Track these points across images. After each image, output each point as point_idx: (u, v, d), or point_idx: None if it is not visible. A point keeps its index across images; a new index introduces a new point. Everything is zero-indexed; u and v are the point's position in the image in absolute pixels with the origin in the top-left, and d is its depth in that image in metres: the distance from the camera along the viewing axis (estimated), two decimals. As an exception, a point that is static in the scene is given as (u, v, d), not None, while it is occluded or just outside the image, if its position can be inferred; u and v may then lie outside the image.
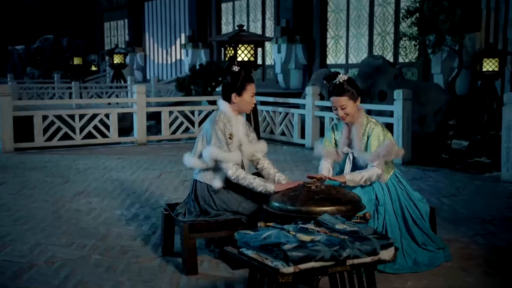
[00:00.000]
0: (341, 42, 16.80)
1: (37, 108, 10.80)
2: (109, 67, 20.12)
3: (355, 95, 4.28)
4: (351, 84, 4.30)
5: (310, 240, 3.07)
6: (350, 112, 4.26)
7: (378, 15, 15.61)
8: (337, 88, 4.27)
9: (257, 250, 3.09)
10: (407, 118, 8.38)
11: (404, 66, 14.78)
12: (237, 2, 19.97)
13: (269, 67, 18.81)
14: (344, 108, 4.24)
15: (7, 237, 5.00)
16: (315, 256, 2.94)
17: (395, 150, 4.34)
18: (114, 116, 10.09)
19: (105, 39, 26.64)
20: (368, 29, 15.84)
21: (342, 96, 4.24)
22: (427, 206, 4.46)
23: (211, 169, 4.23)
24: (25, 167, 8.21)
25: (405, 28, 11.56)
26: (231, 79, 4.25)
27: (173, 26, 22.50)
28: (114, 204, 6.15)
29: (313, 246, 2.98)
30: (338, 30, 16.87)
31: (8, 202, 6.21)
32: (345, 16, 16.58)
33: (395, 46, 14.84)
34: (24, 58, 26.12)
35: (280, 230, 3.21)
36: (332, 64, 17.03)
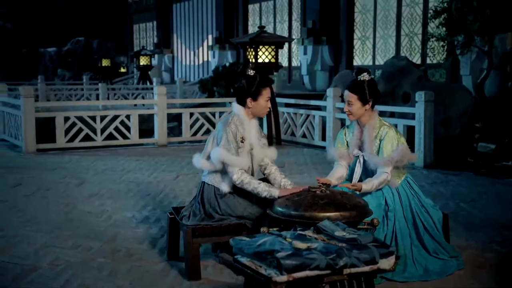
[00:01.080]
0: (368, 43, 16.55)
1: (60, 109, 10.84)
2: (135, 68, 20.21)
3: (366, 98, 4.14)
4: (370, 86, 4.17)
5: (306, 248, 2.93)
6: (355, 112, 4.15)
7: (405, 16, 15.33)
8: (354, 84, 4.19)
9: (251, 257, 2.97)
10: (429, 120, 8.14)
11: (432, 67, 14.48)
12: (264, 3, 19.87)
13: (295, 69, 18.67)
14: (350, 105, 4.13)
15: (15, 238, 4.96)
16: (309, 265, 2.81)
17: (408, 155, 4.17)
18: (134, 117, 10.07)
19: (134, 41, 26.80)
20: (396, 30, 15.57)
21: (354, 93, 4.14)
22: (440, 213, 4.27)
23: (220, 172, 4.13)
24: (44, 168, 8.22)
25: (433, 28, 11.29)
26: (246, 83, 4.14)
27: (200, 27, 22.51)
28: (126, 206, 6.09)
29: (308, 254, 2.85)
30: (365, 31, 16.62)
31: (21, 203, 6.19)
32: (372, 16, 16.34)
33: (423, 47, 14.56)
34: (55, 60, 26.47)
35: (277, 237, 3.07)
36: (359, 65, 16.79)
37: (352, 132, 4.35)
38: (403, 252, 4.09)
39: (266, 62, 9.84)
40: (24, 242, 4.86)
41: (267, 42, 9.74)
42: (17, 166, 8.43)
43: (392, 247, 3.04)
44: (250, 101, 4.10)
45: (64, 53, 26.24)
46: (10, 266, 4.30)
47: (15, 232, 5.14)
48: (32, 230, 5.20)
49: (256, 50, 9.71)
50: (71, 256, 4.52)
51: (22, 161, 8.85)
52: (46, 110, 10.79)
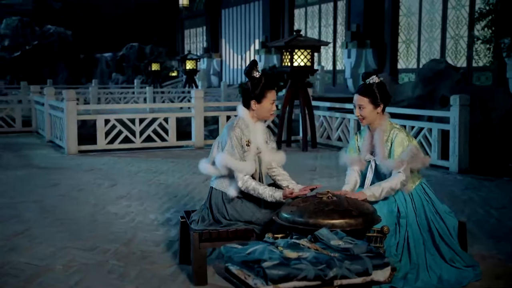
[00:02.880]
0: (413, 47, 16.14)
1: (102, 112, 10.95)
2: (182, 72, 20.34)
3: (377, 101, 3.94)
4: (380, 89, 3.97)
5: (296, 257, 2.76)
6: (367, 116, 3.94)
7: (451, 18, 14.86)
8: (364, 87, 3.99)
9: (240, 266, 2.82)
10: (464, 124, 7.78)
11: (477, 70, 13.97)
12: (310, 7, 19.68)
13: (339, 72, 18.38)
14: (362, 108, 3.92)
15: (36, 239, 4.96)
16: (297, 275, 2.63)
17: (420, 158, 3.93)
18: (172, 120, 10.07)
19: (185, 46, 27.03)
20: (441, 32, 15.12)
21: (364, 96, 3.94)
22: (455, 220, 4.02)
23: (227, 176, 3.99)
24: (82, 169, 8.30)
25: (479, 31, 10.86)
26: (251, 85, 4.00)
27: (247, 32, 22.49)
28: (151, 208, 6.04)
29: (296, 264, 2.67)
30: (409, 34, 16.21)
31: (52, 204, 6.23)
32: (417, 19, 15.92)
33: (469, 50, 14.06)
34: (111, 65, 26.98)
35: (269, 245, 2.91)
36: (403, 68, 16.40)
37: (364, 137, 4.15)
38: (416, 260, 3.86)
39: (302, 65, 9.66)
40: (45, 242, 4.85)
41: (302, 45, 9.56)
42: (57, 167, 8.53)
43: (387, 258, 2.82)
44: (254, 103, 3.95)
45: (118, 58, 26.72)
46: (26, 267, 4.28)
47: (39, 232, 5.15)
48: (56, 231, 5.20)
49: (292, 53, 9.55)
50: (86, 257, 4.47)
51: (62, 162, 8.96)
52: (98, 113, 10.93)
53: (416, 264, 3.85)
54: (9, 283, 3.97)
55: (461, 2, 14.41)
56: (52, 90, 11.36)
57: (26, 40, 26.66)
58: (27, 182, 7.39)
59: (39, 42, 26.28)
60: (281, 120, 10.12)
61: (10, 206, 6.11)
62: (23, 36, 26.95)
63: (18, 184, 7.25)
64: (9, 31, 27.21)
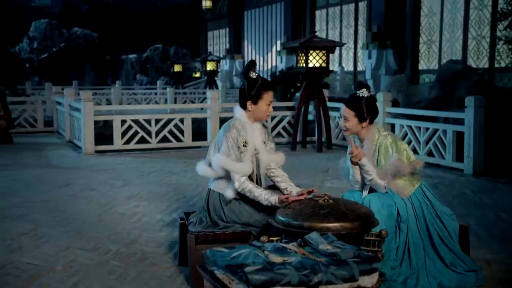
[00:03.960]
0: (434, 47, 15.85)
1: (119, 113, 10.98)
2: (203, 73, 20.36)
3: (363, 116, 3.83)
4: (368, 104, 3.85)
5: (281, 262, 2.68)
6: (350, 128, 3.86)
7: (473, 19, 14.56)
8: (351, 99, 3.88)
9: (225, 271, 2.74)
10: (479, 126, 7.58)
11: (499, 71, 13.67)
12: (331, 9, 19.51)
13: (360, 73, 18.18)
14: (347, 120, 3.82)
15: (42, 238, 4.95)
16: (279, 280, 2.55)
17: (405, 167, 3.79)
18: (188, 121, 10.05)
19: (208, 47, 27.07)
20: (463, 33, 14.81)
21: (350, 109, 3.84)
22: (456, 223, 3.88)
23: (225, 178, 3.92)
24: (96, 169, 8.31)
25: (502, 31, 10.62)
26: (248, 86, 3.92)
27: (269, 33, 22.42)
28: (159, 208, 6.00)
29: (280, 269, 2.59)
30: (431, 35, 15.93)
31: (62, 203, 6.23)
32: (438, 20, 15.64)
33: (491, 50, 13.76)
34: (135, 66, 27.15)
35: (255, 249, 2.84)
36: (424, 69, 16.13)
37: (357, 145, 4.04)
38: (416, 265, 3.75)
39: (317, 66, 9.54)
40: (50, 242, 4.84)
41: (317, 46, 9.44)
42: (73, 167, 8.56)
43: (375, 263, 2.71)
44: (250, 104, 3.88)
45: (143, 60, 26.89)
46: (28, 267, 4.26)
47: (45, 232, 5.14)
48: (62, 231, 5.18)
49: (307, 54, 9.44)
50: (88, 258, 4.44)
51: (78, 162, 9.00)
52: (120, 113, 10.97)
53: (416, 269, 3.73)
54: (9, 283, 3.96)
55: (483, 2, 14.11)
56: (71, 91, 11.44)
57: (54, 42, 27.00)
58: (42, 181, 7.42)
59: (65, 44, 26.59)
60: (296, 120, 10.01)
61: (22, 206, 6.13)
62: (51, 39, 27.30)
63: (32, 184, 7.29)
64: (38, 33, 27.59)
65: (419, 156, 8.41)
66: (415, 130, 8.58)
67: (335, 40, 18.58)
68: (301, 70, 9.73)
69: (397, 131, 8.88)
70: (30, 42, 27.29)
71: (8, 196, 6.57)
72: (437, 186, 6.98)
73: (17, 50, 27.29)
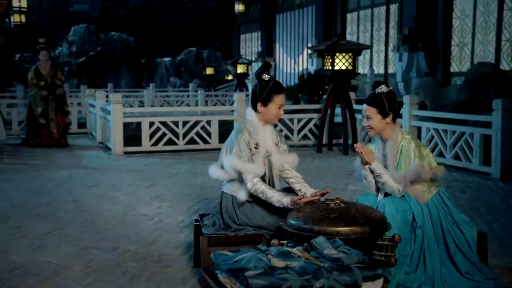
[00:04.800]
0: (466, 50, 15.51)
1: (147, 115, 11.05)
2: (233, 76, 20.39)
3: (385, 111, 3.75)
4: (389, 98, 3.78)
5: (283, 266, 2.63)
6: (375, 126, 3.76)
7: (507, 20, 14.20)
8: (372, 97, 3.82)
9: (227, 274, 2.70)
10: (508, 129, 7.36)
11: (533, 73, 13.29)
12: (362, 11, 19.29)
13: (391, 76, 17.91)
14: (370, 119, 3.74)
15: (64, 238, 5.00)
16: (280, 285, 2.50)
17: (426, 173, 3.68)
18: (215, 123, 10.04)
19: (240, 50, 27.11)
20: (496, 35, 14.45)
21: (372, 106, 3.76)
22: (474, 231, 3.75)
23: (238, 180, 3.89)
24: (124, 170, 8.37)
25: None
26: (259, 88, 3.89)
27: (301, 36, 22.31)
28: (181, 209, 5.99)
29: (281, 274, 2.54)
30: (463, 37, 15.60)
31: (88, 204, 6.29)
32: (471, 22, 15.29)
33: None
34: (169, 69, 27.37)
35: (259, 253, 2.79)
36: (456, 72, 15.80)
37: (377, 147, 3.96)
38: (431, 273, 3.64)
39: (343, 69, 9.43)
40: (72, 242, 4.88)
41: (343, 49, 9.33)
42: (101, 168, 8.64)
43: (379, 269, 2.63)
44: (260, 106, 3.84)
45: (177, 63, 27.09)
46: (47, 266, 4.29)
47: (69, 232, 5.19)
48: (84, 230, 5.22)
49: (333, 57, 9.34)
50: (106, 258, 4.45)
51: (107, 163, 9.08)
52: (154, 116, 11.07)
53: (432, 277, 3.63)
54: (26, 282, 3.99)
55: (518, 3, 13.76)
56: (103, 94, 11.56)
57: (91, 46, 27.40)
58: (71, 181, 7.52)
59: (102, 48, 26.96)
60: (322, 123, 9.91)
61: (49, 205, 6.21)
62: (89, 43, 27.71)
63: (62, 184, 7.38)
64: (77, 38, 28.04)
65: (445, 159, 8.23)
66: (441, 133, 8.39)
67: (366, 43, 18.39)
68: (327, 72, 9.63)
69: (424, 134, 8.70)
70: (69, 46, 27.76)
71: (38, 196, 6.67)
72: (463, 191, 6.81)
73: (57, 54, 27.81)
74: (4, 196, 6.63)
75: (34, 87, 10.58)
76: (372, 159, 3.75)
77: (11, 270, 4.19)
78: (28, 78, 10.70)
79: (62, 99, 10.85)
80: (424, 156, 3.73)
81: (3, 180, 7.58)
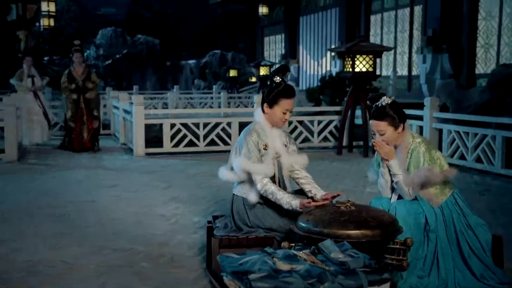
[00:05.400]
0: (492, 51, 15.22)
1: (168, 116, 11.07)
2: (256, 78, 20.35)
3: (396, 121, 3.65)
4: (394, 108, 3.67)
5: (288, 270, 2.56)
6: (389, 139, 3.65)
7: (533, 22, 13.90)
8: (378, 111, 3.68)
9: (232, 277, 2.65)
10: (530, 131, 7.18)
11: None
12: (386, 13, 19.09)
13: (414, 77, 17.68)
14: (382, 134, 3.64)
15: (80, 238, 4.98)
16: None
17: (435, 176, 3.57)
18: (235, 124, 10.01)
19: (264, 53, 27.06)
20: (522, 36, 14.17)
21: (382, 121, 3.65)
22: (488, 234, 3.64)
23: (248, 182, 3.84)
24: (144, 171, 8.38)
25: None
26: (268, 88, 3.83)
27: (324, 38, 22.18)
28: (197, 210, 5.96)
29: (286, 277, 2.47)
30: (488, 39, 15.31)
31: (105, 204, 6.29)
32: (496, 23, 15.01)
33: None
34: (194, 71, 27.48)
35: (265, 255, 2.73)
36: (481, 73, 15.51)
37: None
38: (444, 277, 3.54)
39: (364, 71, 9.31)
40: (87, 241, 4.88)
41: (364, 51, 9.21)
42: (122, 168, 8.67)
43: (386, 273, 2.55)
44: (266, 106, 3.78)
45: (202, 65, 27.19)
46: (61, 265, 4.29)
47: (84, 231, 5.19)
48: (100, 230, 5.22)
49: (354, 59, 9.23)
50: (119, 258, 4.44)
51: (129, 164, 9.11)
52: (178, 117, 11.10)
53: (445, 281, 3.52)
54: (39, 280, 3.99)
55: (544, 4, 13.45)
56: (126, 95, 11.62)
57: (118, 49, 27.67)
58: (91, 182, 7.55)
59: (128, 51, 27.19)
60: (342, 125, 9.79)
61: (69, 205, 6.23)
62: (116, 46, 27.98)
63: (82, 184, 7.42)
64: (104, 41, 28.33)
65: (467, 162, 8.06)
66: (463, 135, 8.22)
67: (389, 45, 18.19)
68: (347, 74, 9.52)
69: (445, 136, 8.54)
70: (96, 49, 28.07)
71: (58, 196, 6.70)
72: (483, 194, 6.65)
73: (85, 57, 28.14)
74: (23, 196, 6.68)
75: (65, 90, 10.43)
76: (392, 156, 3.64)
77: (25, 269, 4.20)
78: (61, 82, 10.54)
79: (93, 102, 10.57)
80: (435, 159, 3.62)
81: (24, 180, 7.65)
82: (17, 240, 4.91)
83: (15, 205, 6.21)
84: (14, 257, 4.47)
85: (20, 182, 7.54)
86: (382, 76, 10.95)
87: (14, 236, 5.04)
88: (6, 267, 4.24)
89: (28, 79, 11.34)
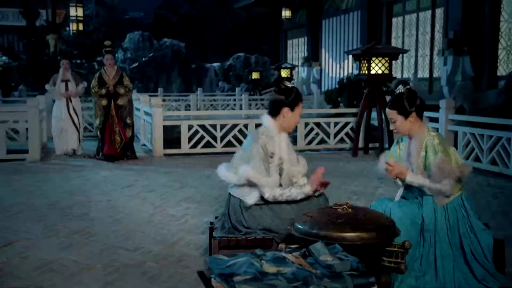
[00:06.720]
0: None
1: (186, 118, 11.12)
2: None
3: (406, 111, 3.61)
4: (409, 98, 3.63)
5: (274, 272, 2.55)
6: (399, 128, 3.64)
7: (556, 23, 13.60)
8: (392, 99, 3.70)
9: (220, 279, 2.65)
10: (545, 134, 7.03)
11: None
12: (407, 16, 18.89)
13: (436, 80, 17.46)
14: (394, 121, 3.65)
15: (93, 237, 5.06)
16: (268, 291, 2.42)
17: (452, 169, 3.50)
18: (252, 126, 10.01)
19: (287, 55, 27.01)
20: (545, 38, 13.88)
21: (392, 109, 3.66)
22: (490, 238, 3.57)
23: (247, 185, 3.83)
24: (161, 171, 8.44)
25: None
26: (286, 94, 3.80)
27: (346, 41, 22.05)
28: (208, 210, 5.99)
29: (271, 280, 2.46)
30: (510, 40, 15.02)
31: (120, 204, 6.36)
32: (519, 25, 14.73)
33: None
34: (218, 74, 27.59)
35: (253, 258, 2.72)
36: (503, 75, 15.23)
37: (404, 145, 3.83)
38: (442, 279, 3.49)
39: (379, 73, 9.23)
40: (99, 241, 4.94)
41: (379, 53, 9.13)
42: (139, 169, 8.73)
43: (372, 277, 2.52)
44: (287, 111, 3.75)
45: (226, 68, 27.28)
46: (72, 264, 4.35)
47: (97, 231, 5.26)
48: (112, 230, 5.28)
49: (369, 61, 9.16)
50: (129, 258, 4.48)
51: (146, 165, 9.16)
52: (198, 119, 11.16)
53: (443, 283, 3.48)
54: (50, 279, 4.06)
55: None
56: (146, 97, 11.72)
57: (145, 52, 27.93)
58: (108, 182, 7.63)
59: (154, 54, 27.43)
60: (358, 127, 9.72)
61: (85, 205, 6.32)
62: (143, 49, 28.25)
63: (99, 184, 7.51)
64: (132, 44, 28.62)
65: (482, 164, 7.93)
66: (478, 137, 8.09)
67: (411, 47, 18.00)
68: (362, 77, 9.45)
69: (460, 138, 8.41)
70: (124, 53, 28.38)
71: (74, 195, 6.80)
72: (496, 196, 6.54)
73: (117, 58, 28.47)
74: (42, 195, 6.79)
75: (95, 95, 9.39)
76: (405, 172, 3.59)
77: (38, 268, 4.28)
78: (91, 86, 9.46)
79: (126, 109, 9.44)
80: (450, 153, 3.56)
81: (45, 180, 7.77)
82: (32, 239, 5.00)
83: (31, 204, 6.32)
84: (28, 255, 4.55)
85: (40, 181, 7.65)
86: (395, 78, 10.75)
87: (29, 234, 5.13)
88: (20, 265, 4.32)
89: (62, 84, 10.13)
